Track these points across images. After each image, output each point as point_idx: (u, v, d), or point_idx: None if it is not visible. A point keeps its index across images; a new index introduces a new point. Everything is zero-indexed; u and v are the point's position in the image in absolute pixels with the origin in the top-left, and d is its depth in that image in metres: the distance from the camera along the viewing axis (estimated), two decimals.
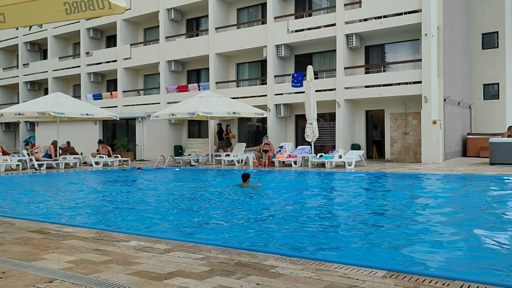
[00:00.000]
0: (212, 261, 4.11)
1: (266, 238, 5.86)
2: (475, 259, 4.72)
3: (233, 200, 9.36)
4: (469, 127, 23.08)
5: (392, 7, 18.10)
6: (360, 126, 20.33)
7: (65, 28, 29.24)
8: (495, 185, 10.99)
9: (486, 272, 4.28)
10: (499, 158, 15.56)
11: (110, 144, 25.07)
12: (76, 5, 4.05)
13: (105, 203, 9.56)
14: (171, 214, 7.94)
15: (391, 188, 11.38)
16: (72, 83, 30.93)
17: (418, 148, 17.96)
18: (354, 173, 14.35)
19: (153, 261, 4.14)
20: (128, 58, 26.13)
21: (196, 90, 23.12)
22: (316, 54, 21.44)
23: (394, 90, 18.21)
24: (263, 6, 22.27)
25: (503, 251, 5.05)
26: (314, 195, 10.33)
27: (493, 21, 23.50)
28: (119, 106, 26.22)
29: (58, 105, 18.48)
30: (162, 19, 24.57)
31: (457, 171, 13.73)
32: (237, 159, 18.82)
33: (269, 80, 21.12)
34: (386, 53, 19.96)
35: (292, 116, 21.75)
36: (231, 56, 23.59)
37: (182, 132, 25.14)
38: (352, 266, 3.90)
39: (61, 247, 4.70)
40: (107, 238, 5.16)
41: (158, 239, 5.11)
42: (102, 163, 19.29)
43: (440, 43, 18.14)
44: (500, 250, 5.08)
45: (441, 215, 7.41)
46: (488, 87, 23.88)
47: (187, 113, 18.54)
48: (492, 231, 6.08)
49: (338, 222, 7.01)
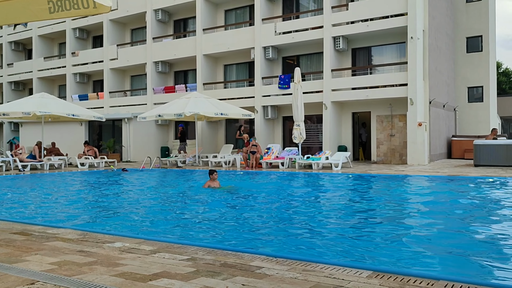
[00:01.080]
0: (198, 262, 4.09)
1: (252, 239, 5.85)
2: (459, 259, 4.77)
3: (218, 202, 9.33)
4: (454, 129, 23.38)
5: (379, 10, 18.27)
6: (346, 128, 20.46)
7: (50, 28, 28.92)
8: (479, 186, 11.14)
9: (470, 271, 4.33)
10: (483, 160, 15.79)
11: (96, 145, 24.84)
12: (60, 3, 3.99)
13: (90, 205, 9.46)
14: (157, 215, 7.88)
15: (377, 189, 11.46)
16: (57, 84, 30.58)
17: (404, 150, 18.13)
18: (340, 174, 14.42)
19: (138, 262, 4.10)
20: (114, 59, 25.93)
21: (183, 91, 23.03)
22: (304, 56, 21.53)
23: (380, 92, 18.36)
24: (251, 7, 22.29)
25: (487, 251, 5.11)
26: (299, 196, 10.35)
27: (477, 25, 23.87)
28: (105, 107, 25.99)
29: (43, 106, 18.26)
30: (149, 20, 24.44)
31: (442, 173, 13.88)
32: (225, 160, 18.79)
33: (257, 82, 21.13)
34: (372, 56, 20.13)
35: (280, 118, 21.79)
36: (218, 57, 23.56)
37: (169, 133, 25.02)
38: (337, 266, 3.91)
39: (44, 249, 4.63)
40: (92, 240, 5.10)
41: (144, 240, 5.07)
42: (87, 165, 19.09)
43: (426, 46, 18.36)
44: (484, 250, 5.15)
45: (426, 216, 7.48)
46: (473, 90, 24.23)
47: (174, 114, 18.45)
48: (476, 231, 6.16)
49: (324, 223, 7.03)
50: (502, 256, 4.91)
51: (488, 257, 4.87)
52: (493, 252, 5.07)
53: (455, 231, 6.20)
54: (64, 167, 19.11)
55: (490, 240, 5.64)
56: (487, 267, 4.49)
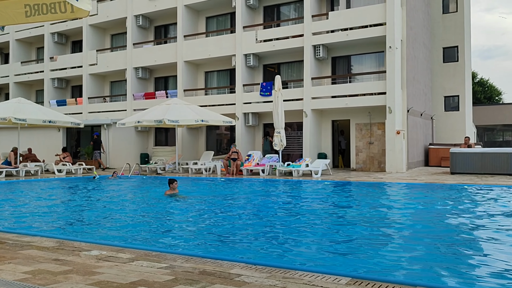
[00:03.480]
0: (176, 270, 4.05)
1: (231, 247, 5.83)
2: (436, 265, 4.84)
3: (187, 209, 9.28)
4: (431, 137, 23.80)
5: (358, 20, 18.55)
6: (326, 135, 20.63)
7: (28, 32, 28.44)
8: (455, 193, 11.35)
9: (448, 278, 4.39)
10: (459, 168, 16.12)
11: (74, 151, 24.46)
12: (37, 7, 3.92)
13: (67, 212, 9.28)
14: (135, 222, 7.78)
15: (356, 196, 11.56)
16: (35, 89, 30.03)
17: (382, 157, 18.37)
18: (320, 181, 14.51)
19: (115, 270, 4.04)
20: (94, 64, 25.63)
21: (164, 98, 22.89)
22: (284, 64, 21.67)
23: (360, 101, 18.60)
24: (232, 15, 22.36)
25: (464, 258, 5.20)
26: (278, 203, 10.36)
27: (453, 36, 24.46)
28: (84, 113, 25.63)
29: (20, 111, 17.87)
30: (129, 26, 24.27)
31: (420, 180, 14.11)
32: (205, 167, 18.70)
33: (238, 89, 21.16)
34: (352, 65, 20.39)
35: (261, 125, 21.84)
36: (199, 64, 23.52)
37: (149, 139, 24.79)
38: (317, 273, 3.93)
39: (18, 257, 4.52)
40: (68, 248, 5.01)
41: (121, 248, 5.00)
42: (65, 171, 18.75)
43: (404, 55, 18.70)
44: (461, 257, 5.23)
45: (404, 223, 7.58)
46: (449, 99, 24.76)
47: (154, 120, 18.31)
48: (453, 238, 6.26)
49: (304, 230, 7.05)
50: (481, 263, 5.00)
51: (465, 264, 4.95)
52: (471, 259, 5.17)
53: (433, 238, 6.29)
54: (41, 174, 18.72)
55: (467, 248, 5.74)
56: (466, 273, 4.56)
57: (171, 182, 10.67)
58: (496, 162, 15.53)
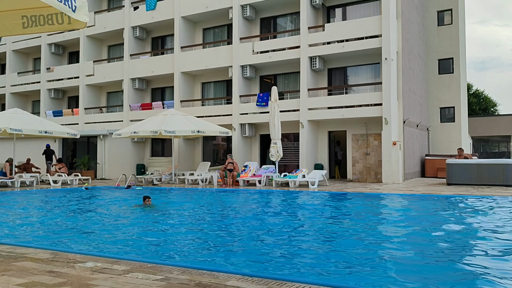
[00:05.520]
0: (172, 282, 4.02)
1: (227, 259, 5.79)
2: (427, 275, 4.82)
3: (195, 219, 9.23)
4: (427, 148, 23.88)
5: (354, 32, 18.71)
6: (323, 146, 20.65)
7: (25, 43, 28.50)
8: (451, 204, 11.35)
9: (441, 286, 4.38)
10: (455, 179, 16.14)
11: (70, 162, 24.38)
12: (35, 19, 3.94)
13: (62, 223, 9.21)
14: (132, 234, 7.73)
15: (352, 207, 11.54)
16: (31, 99, 30.00)
17: (379, 168, 18.39)
18: (317, 192, 14.49)
19: (110, 282, 4.00)
20: (91, 75, 25.67)
21: (161, 108, 22.91)
22: (281, 75, 21.77)
23: (356, 112, 18.67)
24: (229, 26, 22.50)
25: (457, 270, 5.19)
26: (274, 214, 10.33)
27: (448, 48, 24.68)
28: (81, 123, 25.59)
29: (16, 122, 17.82)
30: (127, 37, 24.37)
31: (416, 191, 14.11)
32: (201, 178, 18.66)
33: (234, 100, 21.21)
34: (348, 76, 20.51)
35: (257, 136, 21.86)
36: (196, 75, 23.60)
37: (145, 150, 24.74)
38: (313, 285, 3.90)
39: (12, 269, 4.47)
40: (62, 259, 4.96)
41: (117, 260, 4.96)
42: (60, 182, 18.66)
43: (400, 67, 18.84)
44: (454, 269, 5.22)
45: (399, 234, 7.56)
46: (445, 110, 24.90)
47: (150, 131, 18.30)
48: (448, 248, 6.25)
49: (300, 241, 7.02)
50: (474, 275, 4.99)
51: (456, 276, 4.94)
52: (468, 272, 5.16)
53: (427, 249, 6.28)
54: (36, 185, 18.62)
55: (466, 259, 5.73)
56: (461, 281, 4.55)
57: (144, 199, 11.30)
58: (492, 173, 15.57)
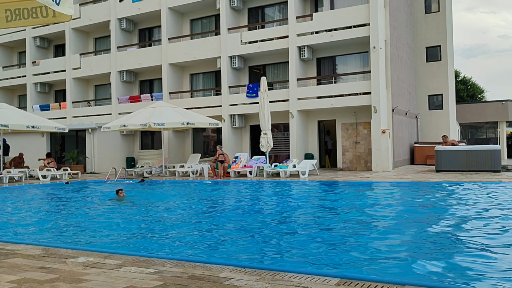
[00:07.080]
0: (165, 275, 4.02)
1: (220, 250, 5.80)
2: (424, 264, 4.88)
3: (188, 212, 9.23)
4: (416, 136, 24.06)
5: (342, 21, 18.68)
6: (313, 136, 20.71)
7: (9, 37, 28.01)
8: (441, 190, 11.48)
9: (437, 276, 4.43)
10: (444, 166, 16.31)
11: (59, 156, 24.16)
12: (18, 12, 3.85)
13: (52, 218, 9.14)
14: (123, 227, 7.70)
15: (343, 196, 11.61)
16: (17, 93, 29.58)
17: (368, 156, 18.50)
18: (307, 182, 14.55)
19: (102, 277, 3.99)
20: (77, 68, 25.34)
21: (149, 101, 22.74)
22: (270, 66, 21.71)
23: (345, 101, 18.71)
24: (217, 17, 22.31)
25: (453, 258, 5.25)
26: (266, 204, 10.36)
27: (435, 36, 24.76)
28: (68, 117, 25.32)
29: (2, 117, 17.59)
30: (113, 29, 24.06)
31: (406, 179, 14.24)
32: (192, 170, 18.61)
33: (224, 91, 21.12)
34: (337, 65, 20.52)
35: (247, 127, 21.83)
36: (184, 66, 23.43)
37: (135, 143, 24.59)
38: (306, 275, 3.93)
39: (3, 266, 4.44)
40: (54, 255, 4.93)
41: (109, 254, 4.94)
42: (49, 177, 18.50)
43: (388, 55, 18.88)
44: (450, 257, 5.29)
45: (393, 222, 7.63)
46: (433, 98, 25.06)
47: (139, 124, 18.17)
48: (439, 235, 6.32)
49: (292, 231, 7.05)
50: (473, 261, 5.06)
51: (451, 264, 5.00)
52: (459, 256, 5.22)
53: (421, 236, 6.35)
54: (25, 180, 18.43)
55: (455, 248, 5.80)
56: (451, 273, 4.61)
57: (117, 192, 11.46)
58: (480, 159, 15.76)
